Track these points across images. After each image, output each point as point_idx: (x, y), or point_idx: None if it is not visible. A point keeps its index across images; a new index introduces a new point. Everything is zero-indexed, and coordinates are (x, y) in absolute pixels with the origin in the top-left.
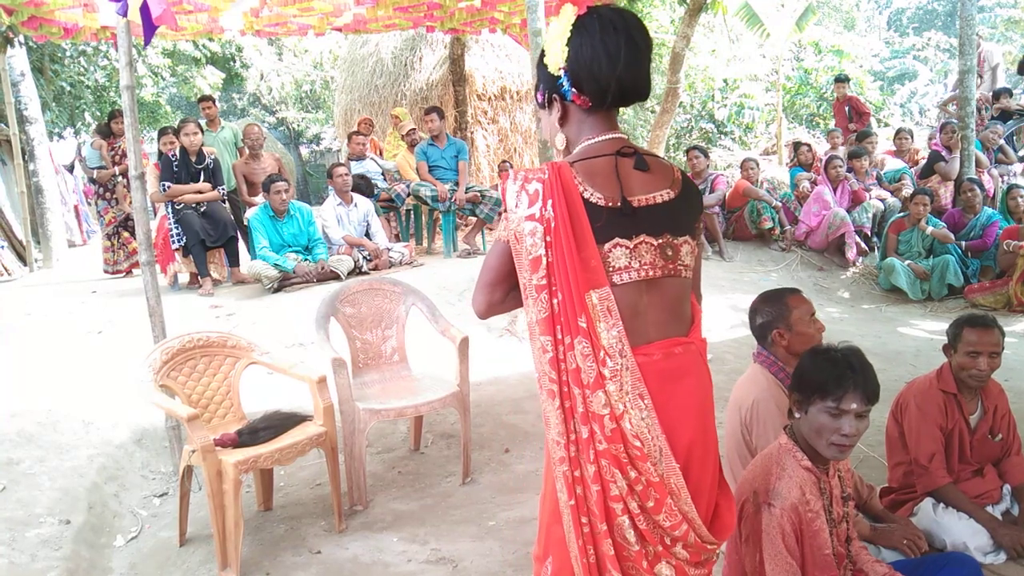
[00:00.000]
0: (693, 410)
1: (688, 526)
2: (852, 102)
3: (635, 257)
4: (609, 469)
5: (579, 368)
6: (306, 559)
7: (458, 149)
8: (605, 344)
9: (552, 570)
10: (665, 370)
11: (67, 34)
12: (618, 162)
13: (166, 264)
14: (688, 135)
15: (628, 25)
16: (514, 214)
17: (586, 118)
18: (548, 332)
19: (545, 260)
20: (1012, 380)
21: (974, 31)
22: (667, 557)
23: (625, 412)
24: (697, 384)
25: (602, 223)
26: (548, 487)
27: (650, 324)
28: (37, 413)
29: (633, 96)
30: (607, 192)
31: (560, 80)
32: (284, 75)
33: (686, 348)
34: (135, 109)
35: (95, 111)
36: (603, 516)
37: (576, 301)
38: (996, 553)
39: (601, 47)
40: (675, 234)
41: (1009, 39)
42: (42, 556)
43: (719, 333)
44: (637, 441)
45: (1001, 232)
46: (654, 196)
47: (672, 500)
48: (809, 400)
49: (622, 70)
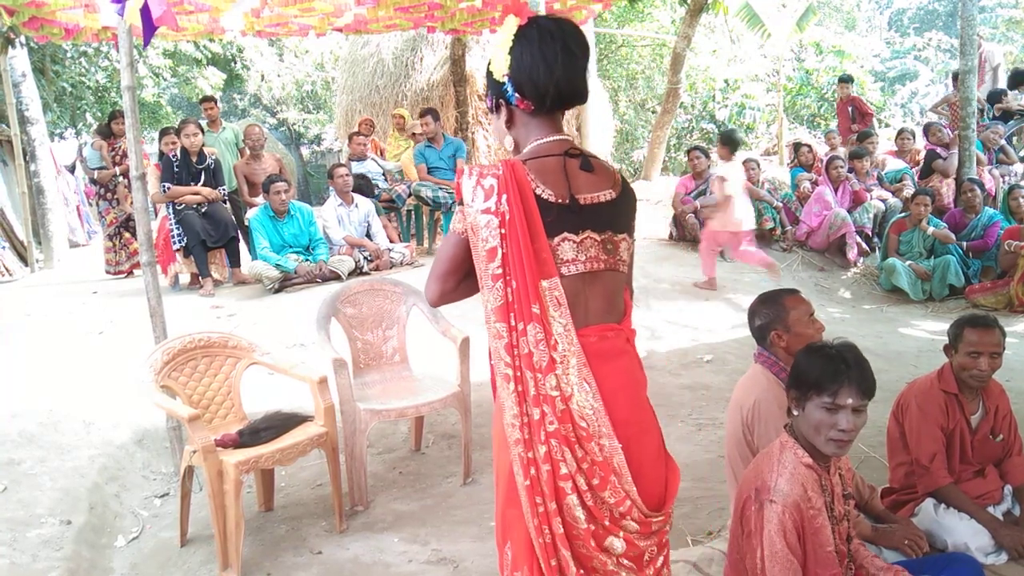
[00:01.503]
0: (626, 389)
1: (631, 503)
2: (855, 103)
3: (581, 251)
4: (559, 448)
5: (531, 353)
6: (307, 559)
7: (455, 148)
8: (555, 330)
9: (513, 554)
10: (600, 351)
11: (68, 35)
12: (566, 162)
13: (167, 264)
14: (689, 135)
15: (564, 34)
16: (471, 207)
17: (531, 120)
18: (503, 319)
19: (500, 251)
20: (1013, 380)
21: (975, 31)
22: (616, 532)
23: (573, 394)
24: (629, 365)
25: (552, 218)
26: (501, 473)
27: (589, 312)
28: (38, 413)
29: (571, 99)
30: (557, 190)
31: (504, 86)
32: (285, 76)
33: (617, 333)
34: (136, 110)
35: (96, 112)
36: (553, 495)
37: (530, 289)
38: (997, 554)
39: (539, 55)
40: (616, 231)
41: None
42: (43, 556)
43: (720, 333)
44: (583, 421)
45: (1002, 232)
46: (598, 195)
47: (615, 478)
48: (806, 396)
49: (559, 75)
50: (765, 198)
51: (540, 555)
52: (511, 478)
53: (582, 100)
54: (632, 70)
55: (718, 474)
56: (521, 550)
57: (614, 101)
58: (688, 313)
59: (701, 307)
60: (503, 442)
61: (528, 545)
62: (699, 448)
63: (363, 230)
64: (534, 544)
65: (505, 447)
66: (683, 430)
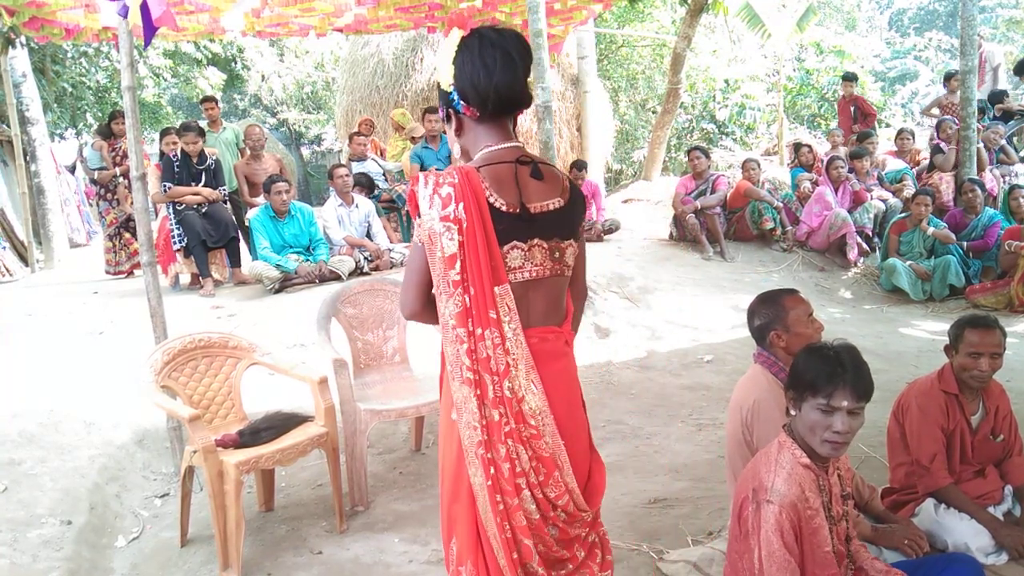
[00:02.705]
0: (564, 388)
1: (568, 496)
2: (859, 102)
3: (528, 259)
4: (514, 447)
5: (489, 357)
6: (307, 560)
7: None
8: (508, 334)
9: (458, 549)
10: (541, 352)
11: (69, 35)
12: (517, 170)
13: (167, 265)
14: (689, 135)
15: (504, 42)
16: (428, 215)
17: (478, 127)
18: (463, 324)
19: (459, 258)
20: (1014, 381)
21: (975, 31)
22: (553, 520)
23: (524, 396)
24: (567, 366)
25: (504, 226)
26: (446, 471)
27: (532, 314)
28: (39, 413)
29: (512, 104)
30: (509, 199)
31: (451, 95)
32: (285, 76)
33: (557, 335)
34: (136, 110)
35: (96, 112)
36: (514, 492)
37: (487, 295)
38: (998, 554)
39: (480, 62)
40: (563, 238)
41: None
42: (43, 557)
43: (720, 334)
44: (533, 420)
45: (1003, 232)
46: (547, 204)
47: (559, 473)
48: (802, 397)
49: (498, 80)
50: (765, 198)
51: (501, 550)
52: (457, 476)
53: (524, 104)
54: (632, 70)
55: (718, 474)
56: (465, 545)
57: (614, 101)
58: (688, 313)
59: (701, 307)
60: (450, 442)
61: (473, 540)
62: (699, 448)
63: (363, 230)
64: (492, 540)
65: (451, 447)
66: (683, 430)
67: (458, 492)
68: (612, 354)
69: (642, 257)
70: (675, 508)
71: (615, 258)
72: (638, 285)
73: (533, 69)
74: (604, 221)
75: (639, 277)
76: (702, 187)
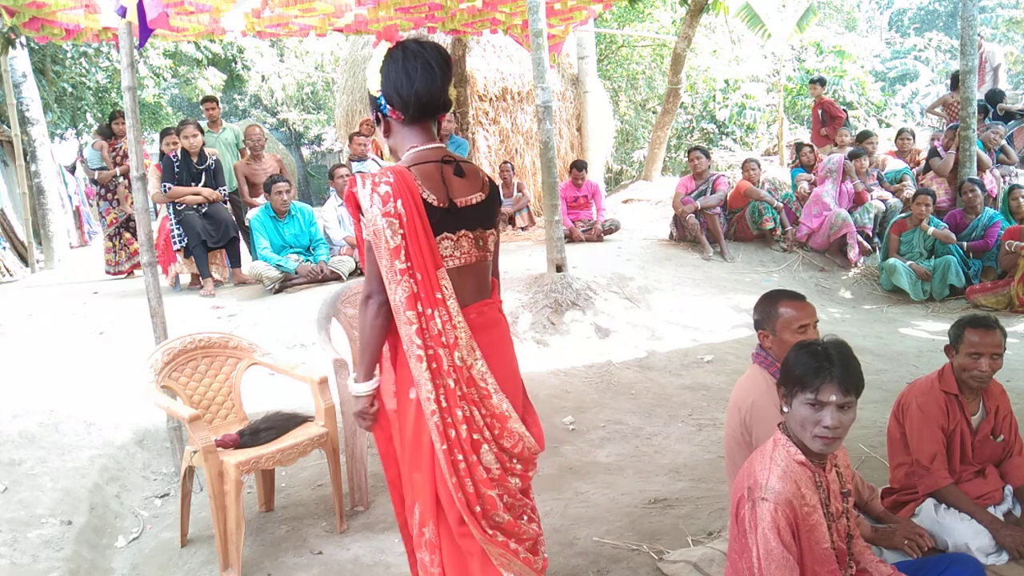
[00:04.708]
0: (500, 351)
1: (522, 442)
2: (825, 105)
3: (457, 247)
4: (468, 408)
5: (440, 333)
6: (308, 560)
7: (457, 147)
8: (452, 311)
9: (420, 513)
10: (478, 324)
11: (69, 35)
12: (443, 168)
13: (167, 265)
14: (689, 135)
15: (425, 53)
16: (371, 214)
17: (404, 129)
18: (412, 307)
19: (404, 248)
20: (1014, 381)
21: (975, 32)
22: (512, 471)
23: (472, 363)
24: (501, 332)
25: (436, 219)
26: (406, 446)
27: (467, 294)
28: (39, 414)
29: (432, 108)
30: (438, 194)
31: (379, 100)
32: (286, 76)
33: (490, 307)
34: (136, 110)
35: (96, 112)
36: (472, 449)
37: (432, 279)
38: (998, 554)
39: (403, 71)
40: (485, 228)
41: (1011, 39)
42: (44, 557)
43: (721, 334)
44: (482, 382)
45: (1003, 233)
46: (471, 198)
47: (510, 423)
48: (792, 393)
49: (419, 87)
50: (765, 198)
51: (463, 506)
52: (416, 446)
53: (444, 109)
54: (633, 70)
55: (718, 474)
56: (427, 508)
57: (615, 101)
58: (688, 313)
59: (701, 307)
60: (406, 417)
61: (433, 502)
62: (699, 448)
63: None
64: (454, 498)
65: (408, 421)
66: (683, 430)
67: (418, 461)
68: (612, 354)
69: (642, 257)
70: (675, 508)
71: (615, 258)
72: (638, 285)
73: (533, 69)
74: (604, 221)
75: (639, 277)
76: (702, 187)
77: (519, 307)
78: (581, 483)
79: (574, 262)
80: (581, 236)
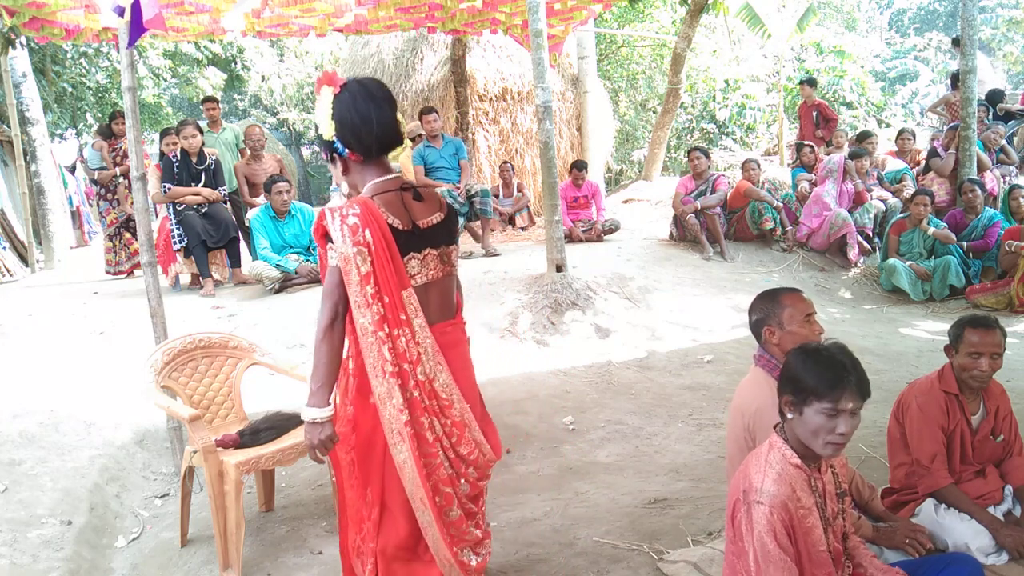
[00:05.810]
0: (462, 367)
1: (478, 450)
2: (820, 108)
3: (424, 265)
4: (429, 418)
5: (405, 351)
6: (308, 560)
7: (456, 147)
8: (416, 329)
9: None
10: (444, 343)
11: (69, 35)
12: (403, 196)
13: (167, 265)
14: (689, 135)
15: (370, 92)
16: (342, 244)
17: (362, 167)
18: (380, 328)
19: (373, 274)
20: (1014, 381)
21: (975, 32)
22: (464, 476)
23: (435, 377)
24: (463, 350)
25: (402, 242)
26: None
27: (433, 311)
28: (39, 414)
29: (391, 145)
30: (401, 219)
31: (335, 144)
32: (285, 76)
33: (454, 327)
34: (136, 110)
35: (96, 112)
36: (437, 453)
37: (397, 301)
38: (998, 554)
39: (357, 116)
40: (447, 245)
41: (1011, 39)
42: (44, 557)
43: (721, 334)
44: (444, 394)
45: (1003, 233)
46: (431, 219)
47: (468, 432)
48: (804, 402)
49: (377, 131)
50: (765, 198)
51: (427, 496)
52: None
53: (400, 143)
54: (632, 70)
55: (718, 474)
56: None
57: (615, 101)
58: (688, 313)
59: (701, 307)
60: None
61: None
62: (699, 448)
63: None
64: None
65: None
66: (683, 430)
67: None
68: (612, 354)
69: (642, 257)
70: (675, 508)
71: (615, 258)
72: (638, 285)
73: (533, 69)
74: (604, 221)
75: (639, 277)
76: (702, 187)
77: (519, 307)
78: (581, 483)
79: (574, 262)
80: (581, 236)
